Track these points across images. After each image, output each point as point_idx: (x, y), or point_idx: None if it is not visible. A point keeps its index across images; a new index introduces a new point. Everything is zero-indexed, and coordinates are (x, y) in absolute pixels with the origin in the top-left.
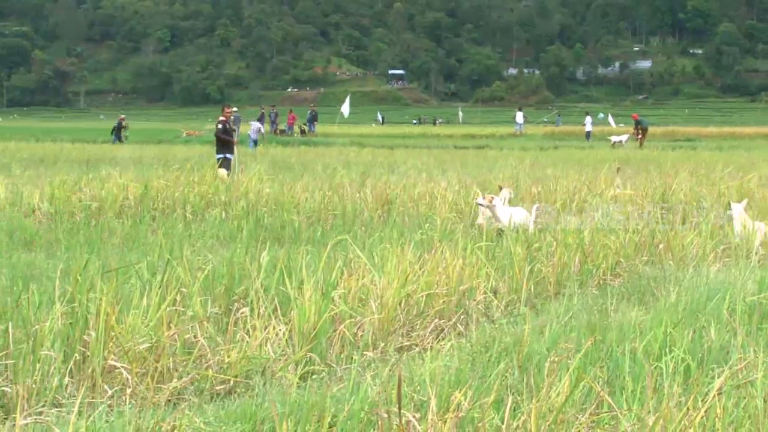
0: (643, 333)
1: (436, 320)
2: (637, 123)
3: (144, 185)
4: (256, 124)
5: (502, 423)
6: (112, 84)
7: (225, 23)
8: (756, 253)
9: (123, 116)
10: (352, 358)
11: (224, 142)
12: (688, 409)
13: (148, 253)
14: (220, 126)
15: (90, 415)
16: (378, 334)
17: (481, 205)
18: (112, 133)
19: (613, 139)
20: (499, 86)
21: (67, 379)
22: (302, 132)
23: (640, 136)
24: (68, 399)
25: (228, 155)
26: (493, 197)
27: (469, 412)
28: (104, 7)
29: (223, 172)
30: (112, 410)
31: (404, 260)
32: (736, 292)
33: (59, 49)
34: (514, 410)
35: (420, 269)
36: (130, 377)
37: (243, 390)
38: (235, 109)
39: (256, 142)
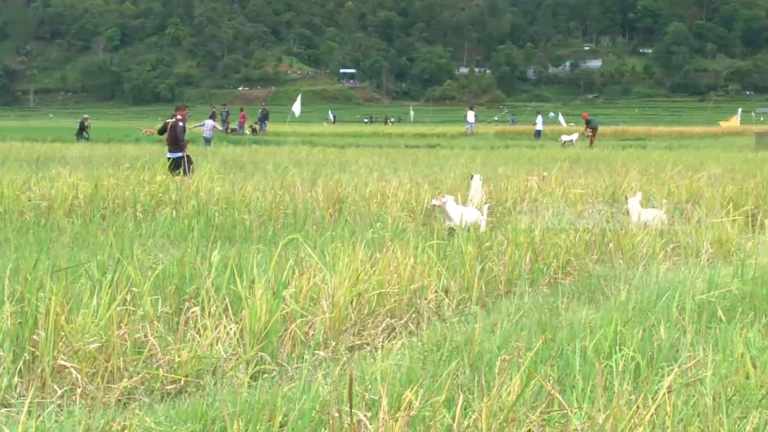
0: (594, 331)
1: (388, 319)
2: (588, 122)
3: (94, 184)
4: (209, 122)
5: (454, 421)
6: (61, 83)
7: (176, 22)
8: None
9: (86, 116)
10: (303, 357)
11: (179, 142)
12: (638, 407)
13: (98, 253)
14: (181, 125)
15: (39, 415)
16: (329, 333)
17: (435, 205)
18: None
19: (564, 138)
20: (450, 85)
21: (16, 379)
22: (253, 131)
23: (590, 135)
24: (17, 399)
25: (183, 154)
26: (445, 196)
27: (420, 411)
28: (54, 6)
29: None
30: (62, 410)
31: (355, 259)
32: (686, 291)
33: (8, 48)
34: (466, 409)
35: (371, 268)
36: (80, 377)
37: (194, 389)
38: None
39: (209, 141)
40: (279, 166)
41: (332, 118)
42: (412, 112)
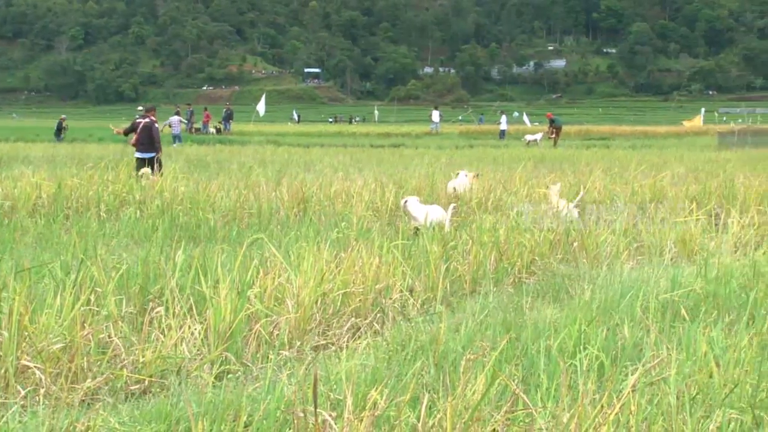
0: (558, 331)
1: (353, 319)
2: (551, 122)
3: (57, 184)
4: (175, 119)
5: (418, 421)
6: (24, 82)
7: (139, 21)
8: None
9: (64, 116)
10: (268, 357)
11: (156, 143)
12: (602, 406)
13: (62, 253)
14: (157, 126)
15: (3, 416)
16: (294, 333)
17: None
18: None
19: (528, 137)
20: (414, 85)
21: None
22: (218, 130)
23: (554, 135)
24: None
25: (155, 155)
26: (406, 199)
27: (385, 411)
28: (16, 5)
29: (148, 171)
30: (25, 410)
31: (320, 259)
32: (649, 290)
33: None
34: (430, 408)
35: (336, 268)
36: (43, 377)
37: (158, 390)
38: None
39: (179, 137)
40: (243, 166)
41: (297, 118)
42: (376, 112)
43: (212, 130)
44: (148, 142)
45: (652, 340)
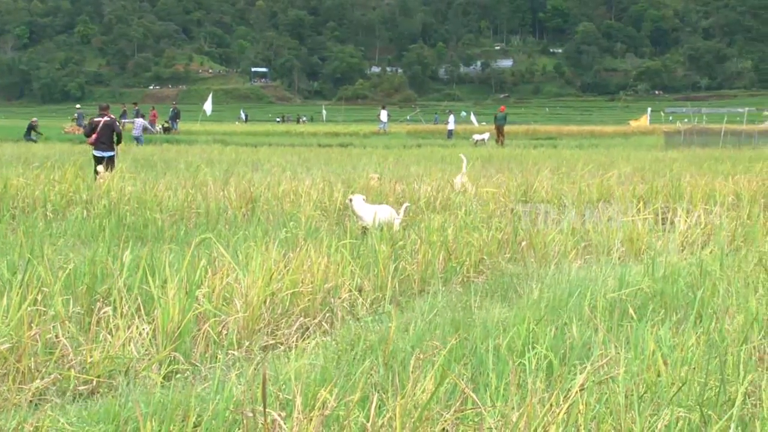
0: (507, 330)
1: (302, 318)
2: (495, 118)
3: (3, 183)
4: (140, 121)
5: (368, 421)
6: None
7: (85, 20)
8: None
9: (35, 119)
10: (216, 357)
11: (119, 141)
12: (551, 405)
13: (8, 253)
14: (117, 123)
15: None
16: (243, 332)
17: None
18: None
19: (476, 137)
20: (362, 84)
21: None
22: (165, 129)
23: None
24: None
25: (115, 153)
26: (351, 198)
27: (334, 411)
28: None
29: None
30: None
31: (269, 259)
32: (597, 289)
33: None
34: (380, 408)
35: (285, 267)
36: None
37: (106, 390)
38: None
39: (140, 140)
40: (191, 165)
41: (244, 117)
42: (324, 111)
43: (159, 128)
44: (109, 140)
45: (601, 339)
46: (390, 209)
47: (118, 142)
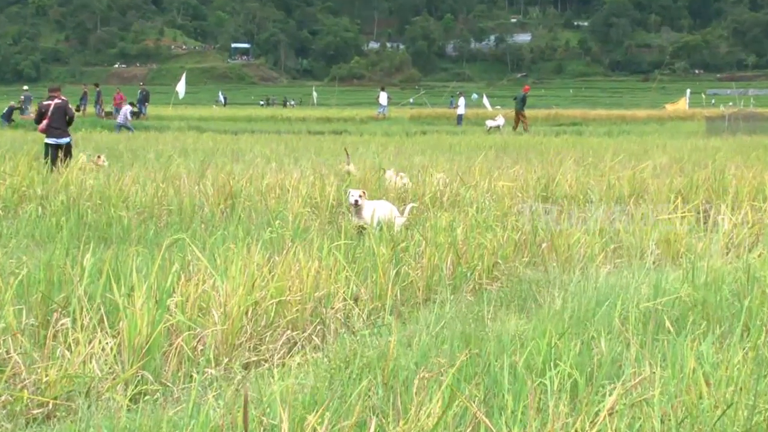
0: (525, 344)
1: (289, 332)
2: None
3: None
4: (126, 109)
5: None
6: None
7: None
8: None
9: (13, 103)
10: (191, 376)
11: (67, 125)
12: (575, 431)
13: None
14: (71, 106)
15: None
16: (221, 348)
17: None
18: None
19: (489, 123)
20: (358, 63)
21: None
22: (135, 114)
23: (522, 118)
24: None
25: (70, 140)
26: (350, 191)
27: None
28: None
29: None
30: None
31: (251, 263)
32: (629, 298)
33: None
34: None
35: (269, 273)
36: None
37: (64, 414)
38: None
39: (128, 128)
40: (161, 155)
41: (223, 100)
42: (314, 94)
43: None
44: (63, 125)
45: (633, 356)
46: (390, 205)
47: (69, 125)
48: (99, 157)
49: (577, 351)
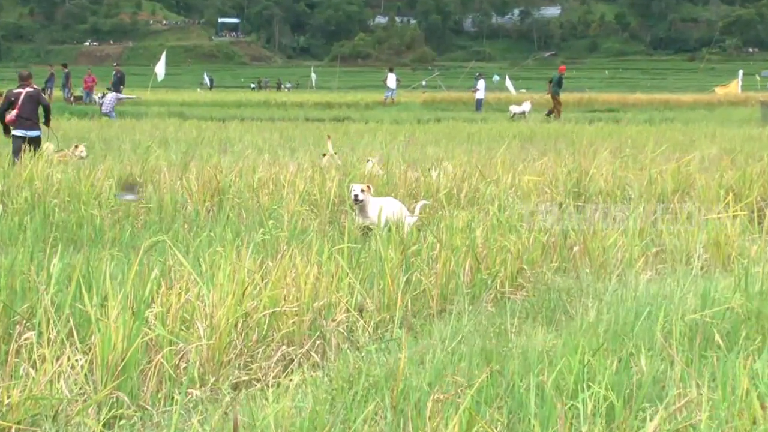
0: (554, 362)
1: (284, 347)
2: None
3: None
4: (111, 96)
5: None
6: None
7: None
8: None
9: None
10: (172, 397)
11: (38, 116)
12: None
13: None
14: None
15: None
16: (207, 365)
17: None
18: None
19: (513, 109)
20: (363, 40)
21: None
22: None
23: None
24: None
25: (39, 133)
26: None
27: None
28: None
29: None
30: None
31: (241, 268)
32: (673, 309)
33: None
34: None
35: (262, 280)
36: None
37: None
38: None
39: (110, 115)
40: (139, 146)
41: (208, 83)
42: (313, 75)
43: (98, 97)
44: (34, 116)
45: (677, 375)
46: (398, 203)
47: (47, 118)
48: (77, 146)
49: (613, 369)
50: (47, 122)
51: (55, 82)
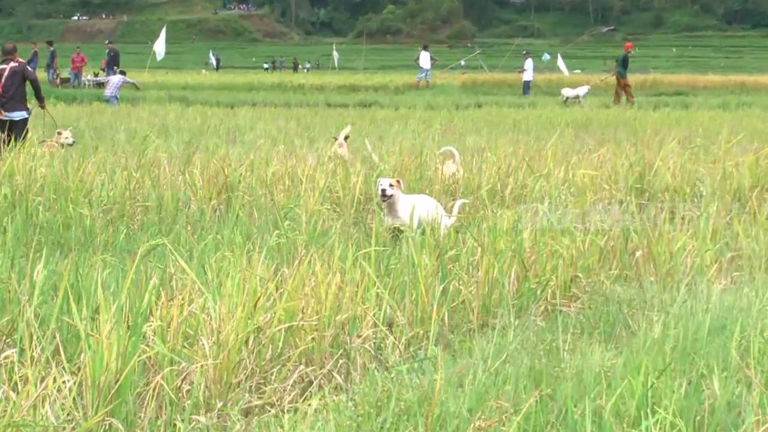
0: (613, 384)
1: (302, 367)
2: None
3: None
4: (116, 78)
5: None
6: None
7: None
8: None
9: None
10: (174, 425)
11: (26, 96)
12: None
13: None
14: (30, 69)
15: None
16: (213, 388)
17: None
18: None
19: (566, 93)
20: (392, 13)
21: None
22: (100, 85)
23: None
24: None
25: (27, 115)
26: (398, 180)
27: None
28: None
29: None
30: None
31: (253, 276)
32: (751, 323)
33: None
34: None
35: (276, 290)
36: None
37: None
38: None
39: (111, 101)
40: (135, 135)
41: (215, 63)
42: (335, 54)
43: (88, 79)
44: (20, 95)
45: (756, 399)
46: (433, 201)
47: (39, 97)
48: (60, 133)
49: (681, 393)
50: (41, 102)
51: (38, 62)
